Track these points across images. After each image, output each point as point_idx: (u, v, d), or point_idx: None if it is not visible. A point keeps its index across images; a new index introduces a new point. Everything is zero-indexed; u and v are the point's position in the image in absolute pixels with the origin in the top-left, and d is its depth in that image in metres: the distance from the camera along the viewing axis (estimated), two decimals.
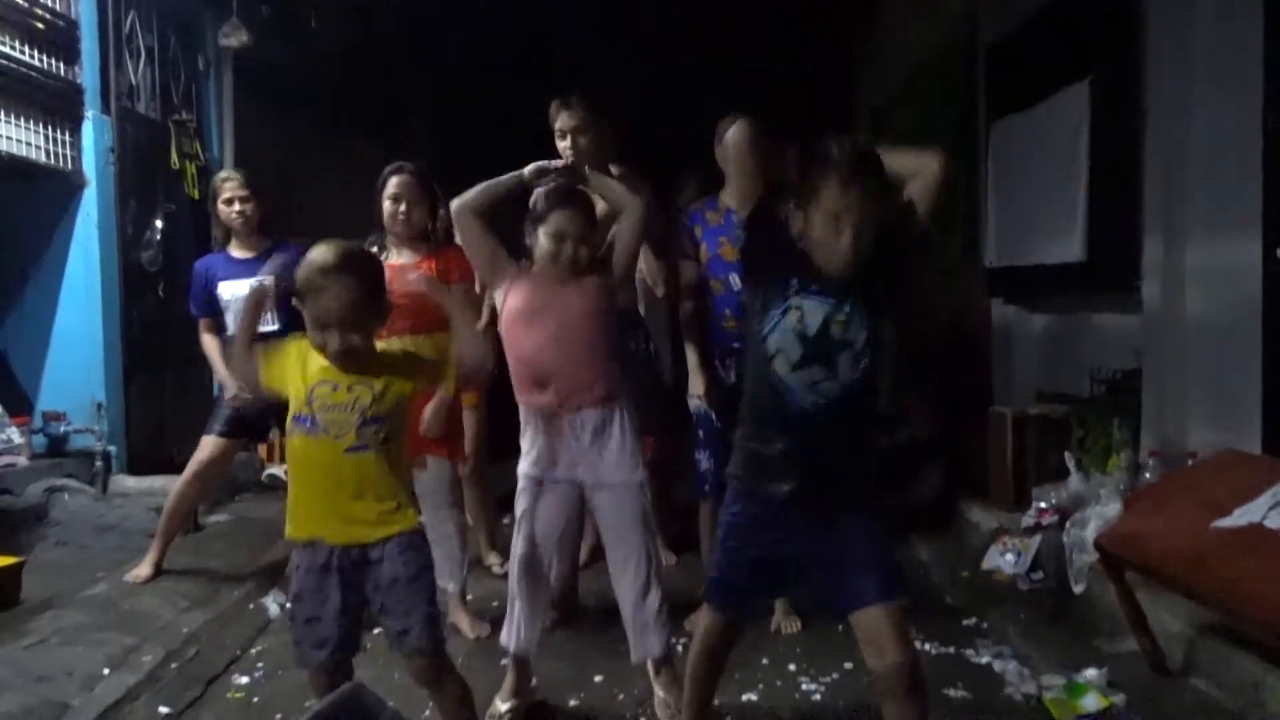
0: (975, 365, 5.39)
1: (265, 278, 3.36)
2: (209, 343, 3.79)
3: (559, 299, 2.55)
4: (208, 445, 3.72)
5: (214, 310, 3.73)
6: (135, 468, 4.59)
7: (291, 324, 3.62)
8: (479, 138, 9.65)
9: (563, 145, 3.18)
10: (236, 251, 3.78)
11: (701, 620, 2.25)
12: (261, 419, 3.79)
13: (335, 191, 7.12)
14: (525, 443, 2.66)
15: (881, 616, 1.99)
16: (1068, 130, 4.12)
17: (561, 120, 3.17)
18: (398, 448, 2.09)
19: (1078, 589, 3.20)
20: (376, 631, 2.46)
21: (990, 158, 5.05)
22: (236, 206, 3.72)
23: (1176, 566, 2.41)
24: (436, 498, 3.22)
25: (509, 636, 2.64)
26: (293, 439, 2.06)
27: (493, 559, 3.98)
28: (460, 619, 3.26)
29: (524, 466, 2.66)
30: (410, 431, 2.72)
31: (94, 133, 4.48)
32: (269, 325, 3.58)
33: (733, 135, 3.23)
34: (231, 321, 3.66)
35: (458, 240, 2.84)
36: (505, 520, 4.71)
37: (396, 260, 3.28)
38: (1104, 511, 2.93)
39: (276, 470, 5.34)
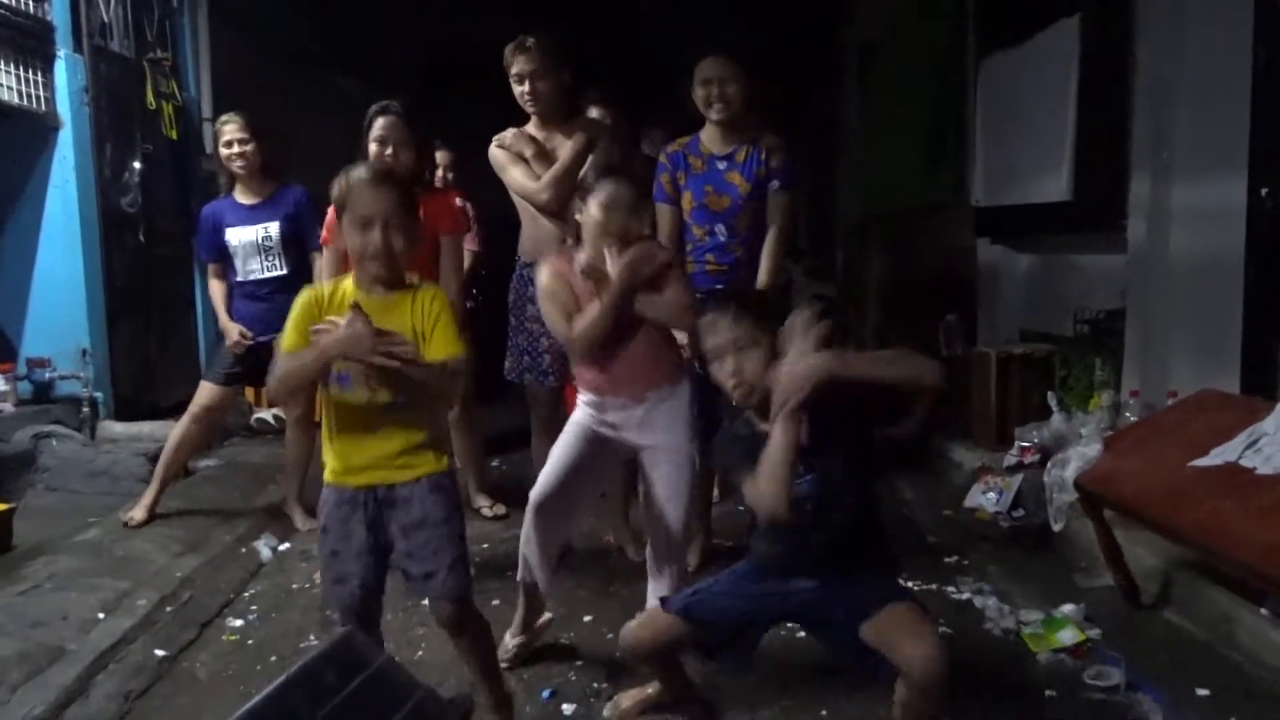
0: (961, 304, 5.40)
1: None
2: (216, 288, 3.83)
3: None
4: (206, 391, 3.74)
5: (220, 255, 3.77)
6: (122, 413, 4.58)
7: (299, 268, 3.68)
8: (467, 70, 9.51)
9: (520, 90, 3.13)
10: (242, 197, 3.76)
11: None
12: (260, 365, 3.77)
13: (318, 129, 7.00)
14: (584, 396, 2.56)
15: (893, 610, 1.92)
16: (1056, 67, 4.08)
17: (519, 64, 3.10)
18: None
19: (1057, 527, 3.27)
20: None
21: (979, 96, 5.01)
22: (236, 149, 3.68)
23: (1153, 505, 2.45)
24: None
25: (521, 569, 2.62)
26: (328, 390, 2.01)
27: (482, 501, 4.00)
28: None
29: (580, 415, 2.55)
30: None
31: (66, 72, 4.37)
32: (278, 270, 3.73)
33: (711, 72, 3.07)
34: (240, 265, 3.74)
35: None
36: (495, 462, 4.78)
37: None
38: (1085, 451, 2.97)
39: (265, 414, 5.35)
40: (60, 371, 4.42)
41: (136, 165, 4.88)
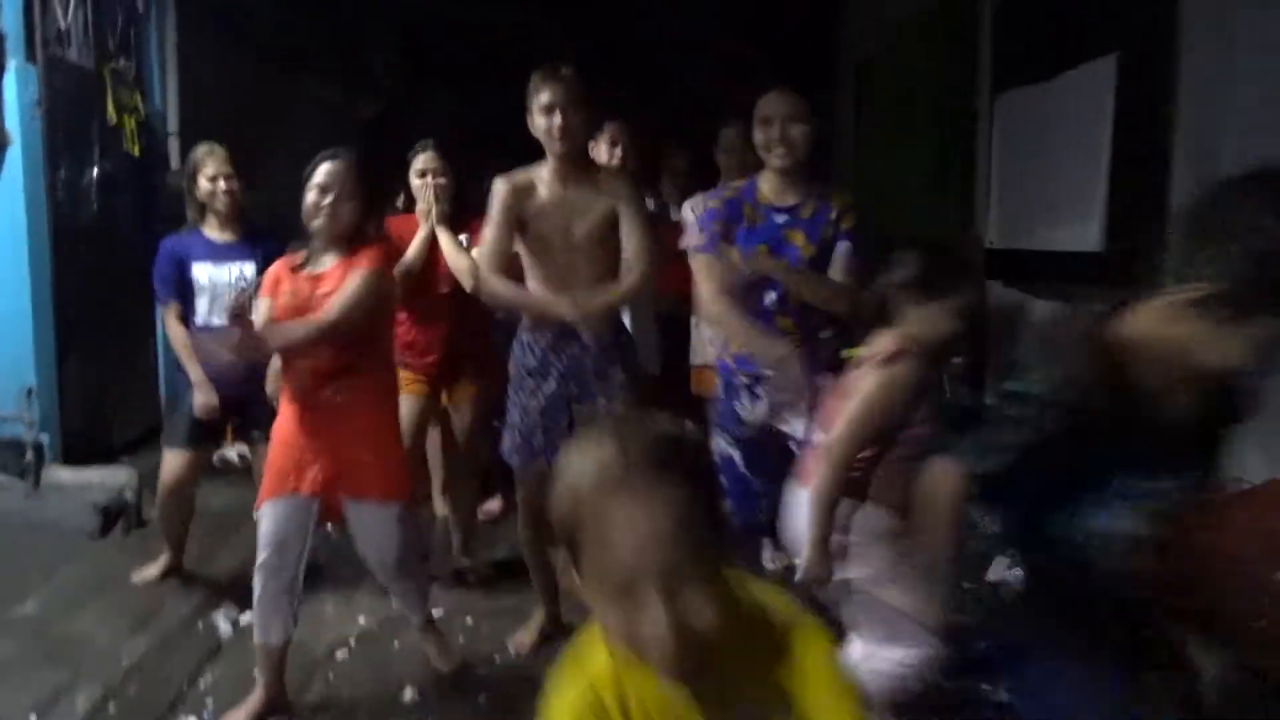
0: (968, 348, 5.15)
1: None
2: (177, 333, 3.41)
3: None
4: (170, 461, 3.37)
5: (182, 294, 3.40)
6: (71, 457, 4.20)
7: None
8: (446, 75, 9.20)
9: (547, 123, 2.65)
10: (213, 233, 3.44)
11: None
12: (223, 421, 3.50)
13: (292, 142, 6.65)
14: None
15: None
16: (1087, 110, 3.83)
17: (550, 93, 2.64)
18: None
19: None
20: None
21: (995, 132, 4.76)
22: (222, 185, 3.39)
23: (1230, 618, 2.19)
24: (385, 551, 2.66)
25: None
26: None
27: (466, 563, 3.67)
28: (429, 645, 2.94)
29: None
30: (311, 454, 2.53)
31: (17, 85, 3.99)
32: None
33: (773, 110, 2.57)
34: (205, 306, 3.38)
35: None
36: (487, 506, 4.47)
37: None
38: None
39: (229, 452, 4.97)
40: (2, 413, 4.03)
41: (93, 184, 4.51)
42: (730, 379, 2.66)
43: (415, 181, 3.43)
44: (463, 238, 3.40)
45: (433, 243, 3.39)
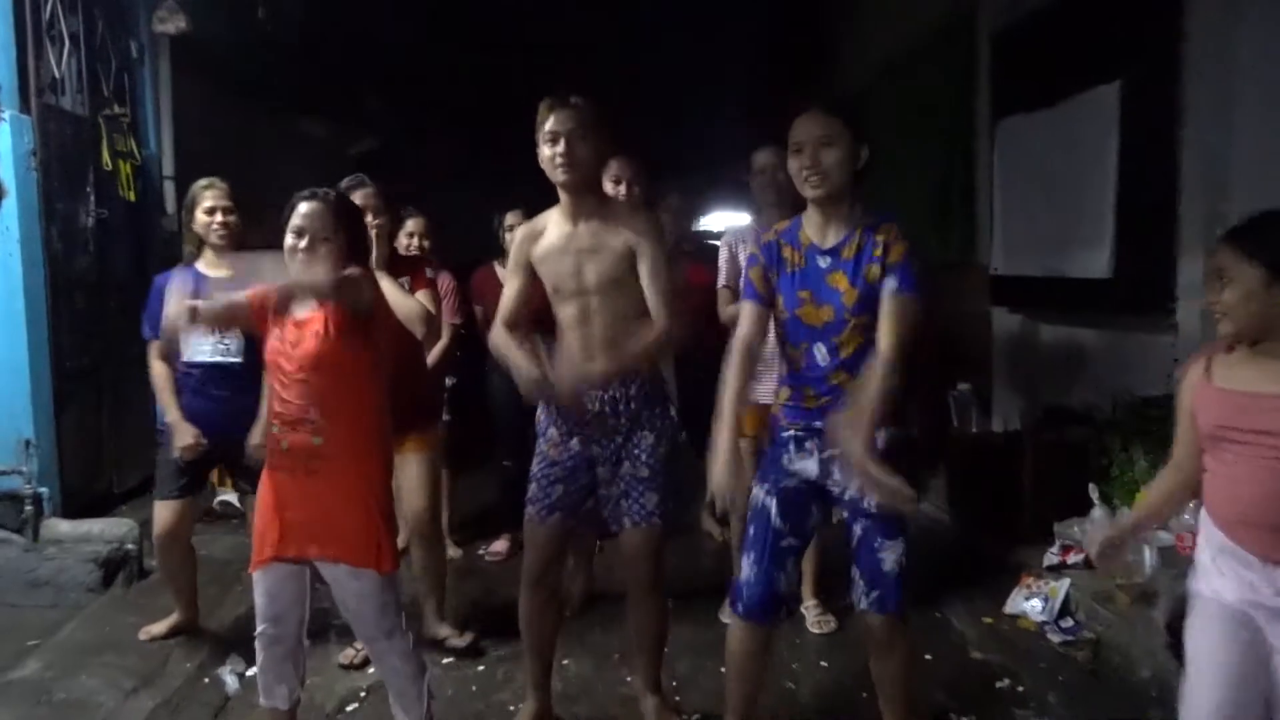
0: (974, 374, 5.12)
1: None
2: (158, 371, 3.32)
3: None
4: (161, 512, 3.28)
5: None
6: (70, 508, 4.12)
7: (253, 363, 3.04)
8: (437, 112, 9.20)
9: (551, 152, 2.50)
10: (208, 269, 3.30)
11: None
12: (209, 465, 3.43)
13: (286, 181, 6.62)
14: None
15: None
16: (1092, 136, 3.82)
17: (555, 121, 2.50)
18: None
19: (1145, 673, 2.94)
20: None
21: (997, 158, 4.75)
22: (219, 218, 3.30)
23: None
24: (367, 617, 2.42)
25: None
26: None
27: (445, 631, 3.40)
28: None
29: None
30: (291, 516, 2.35)
31: (12, 135, 3.95)
32: (231, 356, 3.23)
33: (802, 134, 2.26)
34: (188, 346, 3.24)
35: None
36: (494, 547, 4.40)
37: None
38: (1173, 588, 2.66)
39: (230, 496, 4.90)
40: (0, 466, 3.96)
41: (90, 232, 4.47)
42: (780, 430, 2.42)
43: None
44: (403, 281, 3.20)
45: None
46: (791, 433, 2.37)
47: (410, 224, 4.08)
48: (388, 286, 3.07)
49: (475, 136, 9.78)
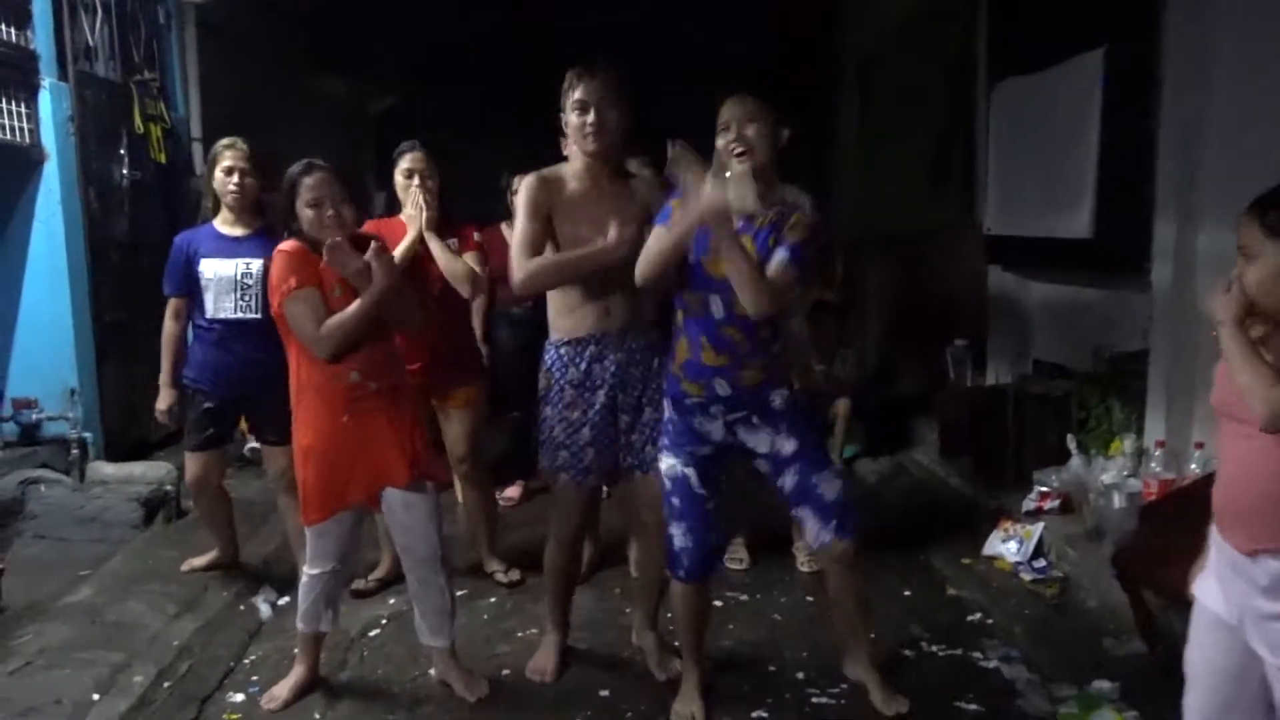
0: (970, 330, 5.30)
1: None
2: (168, 329, 3.44)
3: None
4: (190, 464, 3.50)
5: (189, 289, 3.36)
6: (112, 453, 4.44)
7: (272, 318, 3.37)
8: (456, 69, 9.34)
9: (580, 120, 2.60)
10: (224, 227, 3.38)
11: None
12: (234, 417, 3.59)
13: (311, 143, 6.85)
14: None
15: None
16: (1078, 101, 3.96)
17: (583, 90, 2.59)
18: None
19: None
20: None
21: (992, 121, 4.89)
22: (235, 178, 3.33)
23: None
24: (417, 546, 2.69)
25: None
26: None
27: (495, 566, 3.69)
28: (453, 678, 2.84)
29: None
30: (354, 464, 2.58)
31: (51, 102, 4.20)
32: (252, 313, 3.31)
33: (729, 114, 2.44)
34: (211, 302, 3.31)
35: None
36: (506, 493, 4.66)
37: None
38: (1121, 524, 2.87)
39: (254, 443, 5.18)
40: (48, 413, 4.26)
41: (125, 193, 4.73)
42: (683, 397, 2.52)
43: (401, 182, 3.35)
44: (451, 242, 3.35)
45: (419, 247, 3.29)
46: (695, 399, 2.49)
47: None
48: (436, 248, 3.30)
49: (488, 94, 9.89)
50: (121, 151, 4.74)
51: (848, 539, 2.55)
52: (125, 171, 4.76)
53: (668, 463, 2.57)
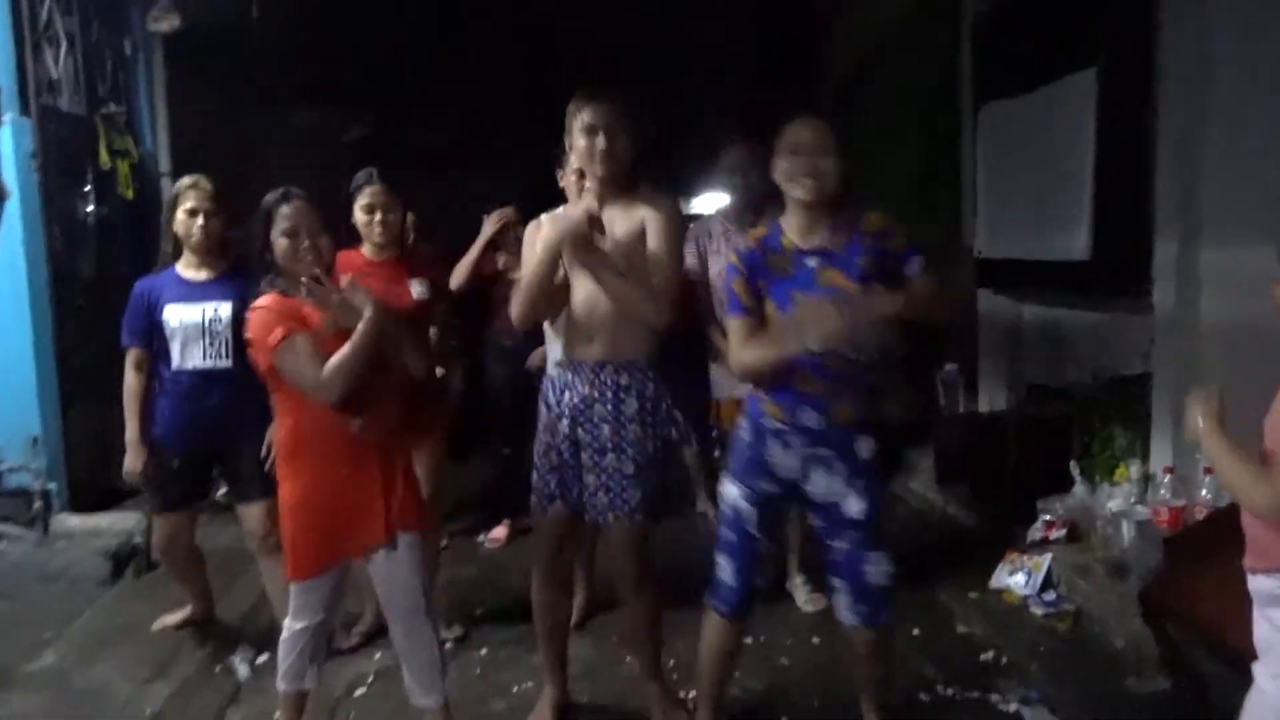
0: (961, 355, 5.22)
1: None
2: (132, 383, 3.17)
3: None
4: (159, 525, 3.31)
5: (149, 340, 3.13)
6: (78, 504, 4.23)
7: (247, 366, 3.03)
8: (430, 95, 9.24)
9: (591, 143, 2.50)
10: (188, 271, 3.15)
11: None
12: (206, 472, 3.28)
13: (281, 171, 6.70)
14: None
15: None
16: (1070, 122, 3.91)
17: (591, 114, 2.50)
18: None
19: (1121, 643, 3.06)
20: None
21: (979, 143, 4.84)
22: (200, 221, 3.09)
23: (1240, 637, 2.24)
24: (399, 597, 2.49)
25: None
26: None
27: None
28: None
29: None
30: (350, 516, 2.40)
31: (13, 138, 4.03)
32: (223, 361, 3.09)
33: (801, 139, 2.31)
34: (178, 351, 3.07)
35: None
36: (493, 534, 4.49)
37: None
38: (1145, 560, 2.77)
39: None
40: (9, 463, 4.07)
41: (90, 231, 4.55)
42: (760, 422, 2.36)
43: (361, 218, 3.18)
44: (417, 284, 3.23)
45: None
46: (775, 425, 2.31)
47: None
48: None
49: (466, 122, 9.81)
50: (87, 188, 4.57)
51: (872, 629, 2.39)
52: (91, 208, 4.59)
53: (730, 491, 2.41)
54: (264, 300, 2.38)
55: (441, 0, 7.50)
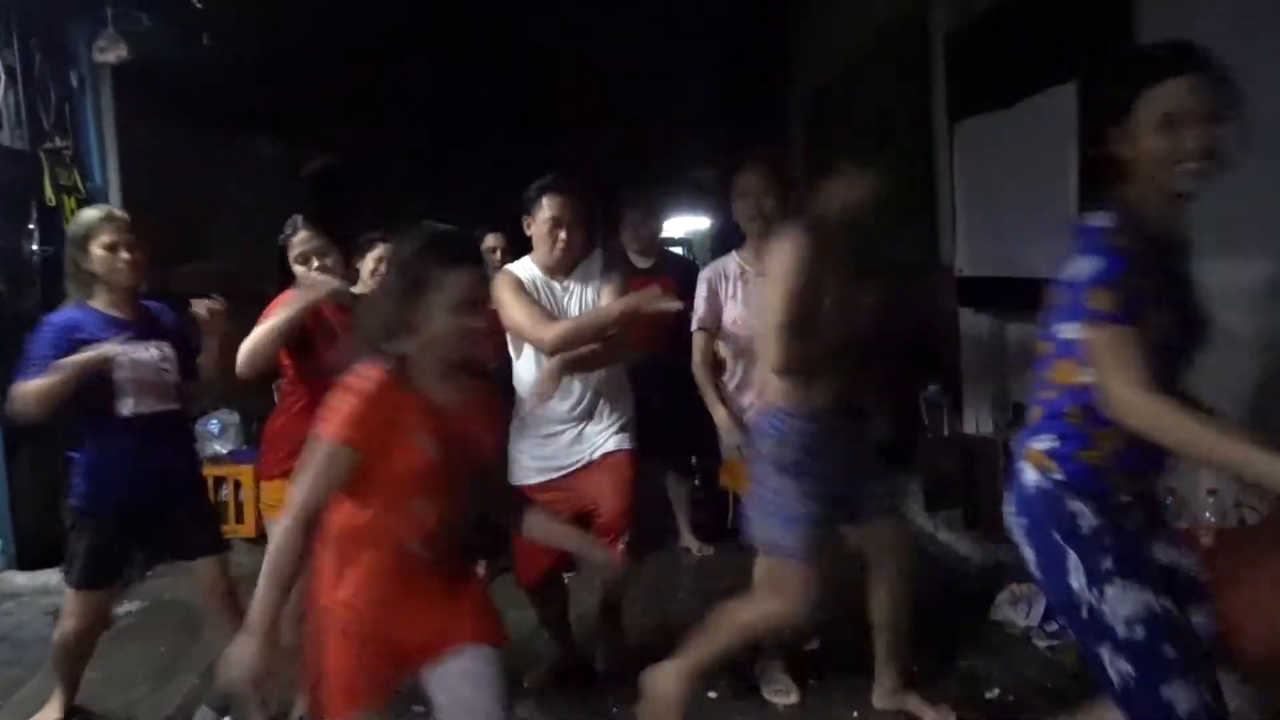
0: (943, 376, 5.12)
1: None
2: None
3: None
4: (76, 603, 2.86)
5: (88, 382, 2.69)
6: (25, 560, 4.00)
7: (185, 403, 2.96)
8: (393, 128, 9.07)
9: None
10: (110, 309, 2.83)
11: None
12: (125, 553, 2.94)
13: (239, 203, 6.52)
14: None
15: None
16: (1051, 137, 3.82)
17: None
18: None
19: None
20: None
21: (956, 160, 4.76)
22: (124, 255, 2.79)
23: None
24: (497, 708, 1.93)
25: None
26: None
27: None
28: None
29: None
30: (406, 636, 1.90)
31: None
32: (171, 403, 2.86)
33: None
34: (131, 398, 2.76)
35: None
36: None
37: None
38: None
39: (124, 606, 4.59)
40: None
41: (35, 270, 4.33)
42: (1108, 496, 1.83)
43: (298, 268, 2.96)
44: None
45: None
46: (1127, 499, 1.85)
47: (490, 239, 4.07)
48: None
49: (434, 149, 9.66)
50: (30, 225, 4.36)
51: None
52: (36, 247, 4.37)
53: (1134, 598, 1.72)
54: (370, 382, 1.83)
55: (403, 27, 7.37)
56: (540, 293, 2.95)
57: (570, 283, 2.99)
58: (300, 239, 2.97)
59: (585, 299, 2.97)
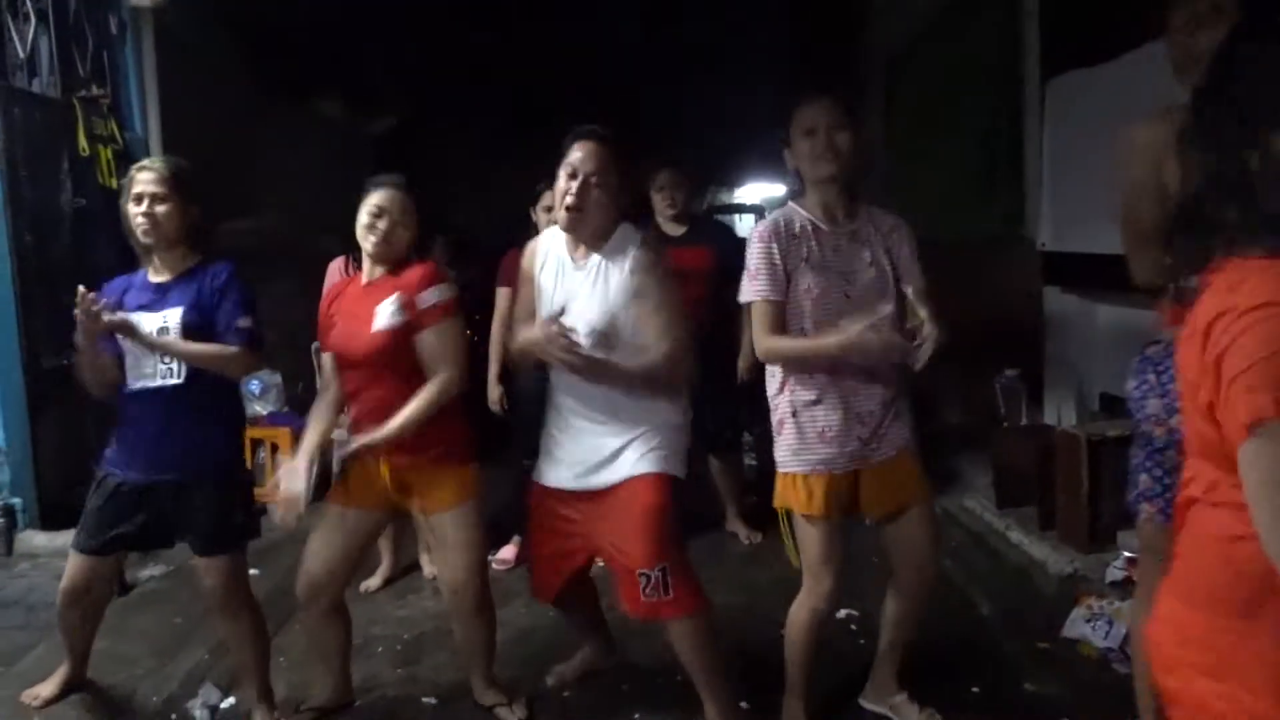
0: (1023, 360, 4.69)
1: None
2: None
3: None
4: (72, 564, 2.74)
5: (112, 348, 2.63)
6: (48, 520, 3.89)
7: (197, 376, 2.61)
8: (459, 89, 8.80)
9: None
10: (153, 274, 2.66)
11: None
12: (161, 515, 2.65)
13: (290, 165, 6.34)
14: None
15: None
16: (1155, 95, 3.35)
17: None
18: None
19: None
20: None
21: (1046, 122, 4.31)
22: (144, 207, 2.55)
23: None
24: None
25: None
26: None
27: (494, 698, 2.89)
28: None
29: None
30: None
31: None
32: (173, 378, 2.60)
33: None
34: (131, 370, 2.62)
35: None
36: (502, 554, 4.05)
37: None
38: None
39: (146, 571, 4.44)
40: None
41: (67, 222, 4.20)
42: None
43: (364, 221, 2.66)
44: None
45: None
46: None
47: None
48: None
49: (513, 106, 9.31)
50: (62, 176, 4.22)
51: None
52: (68, 198, 4.24)
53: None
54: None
55: None
56: (551, 271, 2.56)
57: (594, 259, 2.50)
58: (380, 194, 2.62)
59: (610, 281, 2.47)
